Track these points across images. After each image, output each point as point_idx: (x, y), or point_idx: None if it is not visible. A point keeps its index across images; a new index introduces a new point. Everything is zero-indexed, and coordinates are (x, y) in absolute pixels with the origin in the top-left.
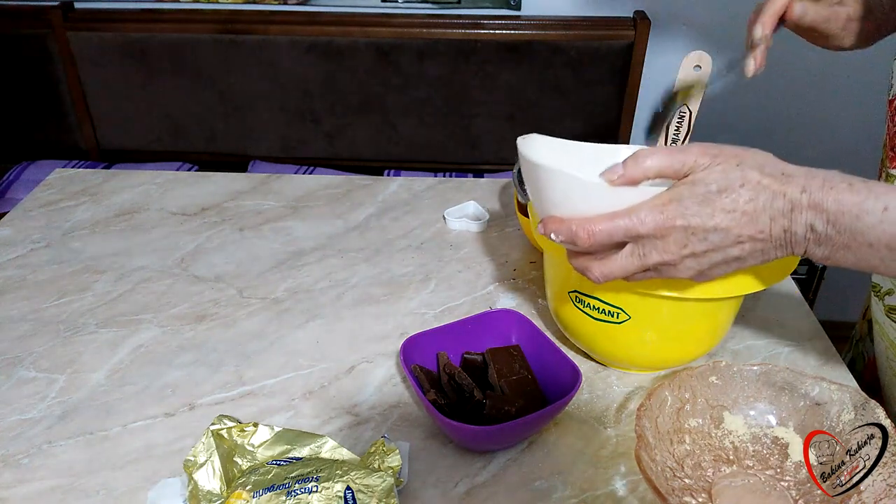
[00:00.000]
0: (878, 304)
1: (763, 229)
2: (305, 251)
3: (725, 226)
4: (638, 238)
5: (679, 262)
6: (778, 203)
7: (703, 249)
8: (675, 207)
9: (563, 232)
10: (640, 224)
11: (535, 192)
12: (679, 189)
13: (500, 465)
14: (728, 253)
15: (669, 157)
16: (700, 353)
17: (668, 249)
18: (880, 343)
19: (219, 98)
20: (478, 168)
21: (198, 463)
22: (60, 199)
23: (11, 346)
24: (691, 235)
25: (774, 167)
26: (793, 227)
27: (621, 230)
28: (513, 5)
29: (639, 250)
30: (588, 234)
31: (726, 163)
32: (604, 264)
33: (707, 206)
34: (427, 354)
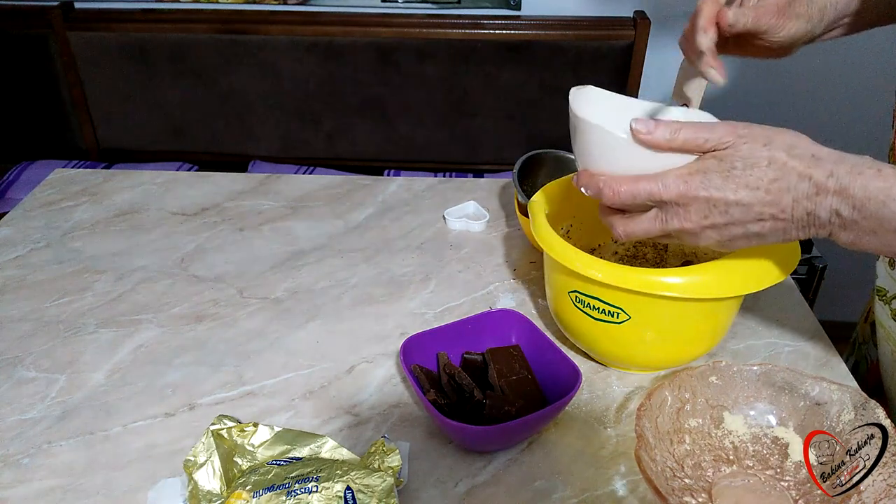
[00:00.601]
0: (883, 308)
1: (785, 209)
2: (305, 251)
3: (748, 202)
4: (661, 203)
5: (700, 231)
6: (803, 185)
7: (724, 222)
8: (699, 179)
9: (591, 186)
10: (664, 190)
11: (575, 142)
12: (706, 162)
13: (500, 465)
14: (748, 228)
15: (696, 132)
16: (700, 353)
17: (689, 218)
18: (885, 347)
19: (219, 98)
20: (478, 168)
21: (198, 463)
22: (60, 199)
23: (11, 346)
24: (713, 207)
25: (805, 149)
26: (816, 211)
27: (644, 193)
28: (513, 5)
29: (662, 215)
30: (613, 192)
31: (753, 142)
32: (627, 223)
33: (731, 182)
34: (427, 354)
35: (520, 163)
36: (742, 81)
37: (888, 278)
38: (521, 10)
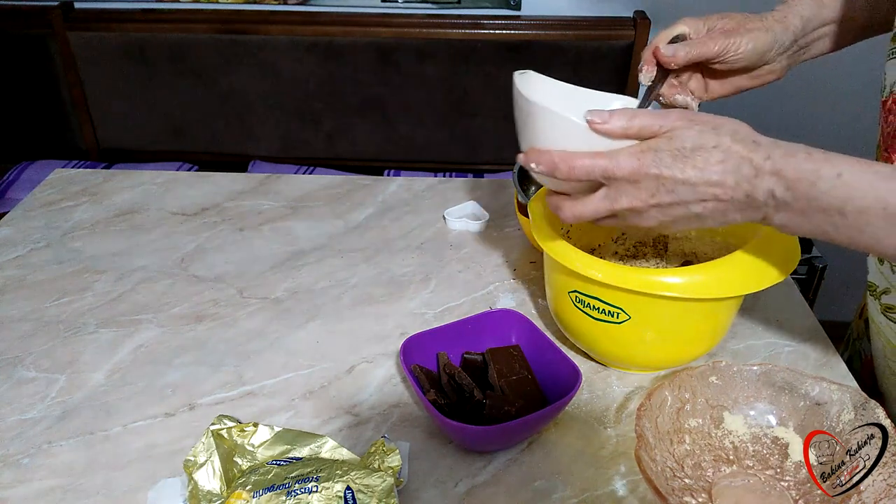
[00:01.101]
0: (874, 303)
1: (727, 190)
2: (305, 251)
3: (694, 181)
4: (612, 180)
5: (646, 210)
6: (744, 168)
7: (669, 201)
8: (651, 156)
9: (544, 162)
10: (617, 166)
11: (523, 126)
12: (657, 141)
13: (500, 465)
14: (690, 209)
15: (651, 119)
16: (700, 353)
17: (637, 196)
18: (877, 342)
19: (219, 98)
20: (478, 168)
21: (198, 463)
22: (60, 199)
23: (11, 346)
24: (661, 186)
25: (747, 135)
26: (754, 193)
27: (599, 168)
28: (513, 5)
29: (612, 194)
30: (568, 167)
31: (703, 125)
32: (575, 205)
33: (679, 161)
34: (427, 354)
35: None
36: None
37: (878, 274)
38: (521, 10)
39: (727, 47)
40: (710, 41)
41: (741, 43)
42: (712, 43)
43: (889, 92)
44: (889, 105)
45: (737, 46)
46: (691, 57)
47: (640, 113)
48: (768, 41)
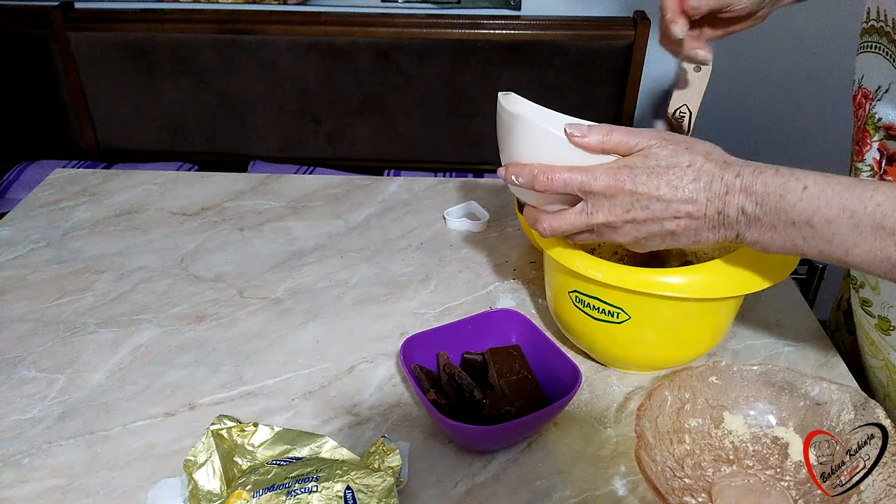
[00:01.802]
0: (855, 296)
1: (700, 209)
2: (305, 251)
3: (668, 198)
4: (589, 194)
5: (621, 225)
6: (716, 186)
7: (644, 218)
8: (627, 173)
9: (524, 174)
10: (594, 180)
11: (507, 140)
12: (633, 158)
13: (500, 465)
14: (664, 226)
15: (627, 135)
16: (700, 353)
17: (613, 211)
18: (859, 332)
19: (219, 98)
20: (478, 168)
21: (198, 463)
22: (60, 199)
23: (11, 346)
24: (636, 202)
25: (719, 155)
26: (726, 210)
27: (577, 182)
28: (513, 5)
29: (588, 208)
30: (548, 178)
31: (677, 145)
32: (553, 218)
33: (654, 179)
34: (427, 354)
35: None
36: (729, 82)
37: None
38: (521, 10)
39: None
40: None
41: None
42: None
43: (858, 86)
44: (859, 99)
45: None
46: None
47: (616, 129)
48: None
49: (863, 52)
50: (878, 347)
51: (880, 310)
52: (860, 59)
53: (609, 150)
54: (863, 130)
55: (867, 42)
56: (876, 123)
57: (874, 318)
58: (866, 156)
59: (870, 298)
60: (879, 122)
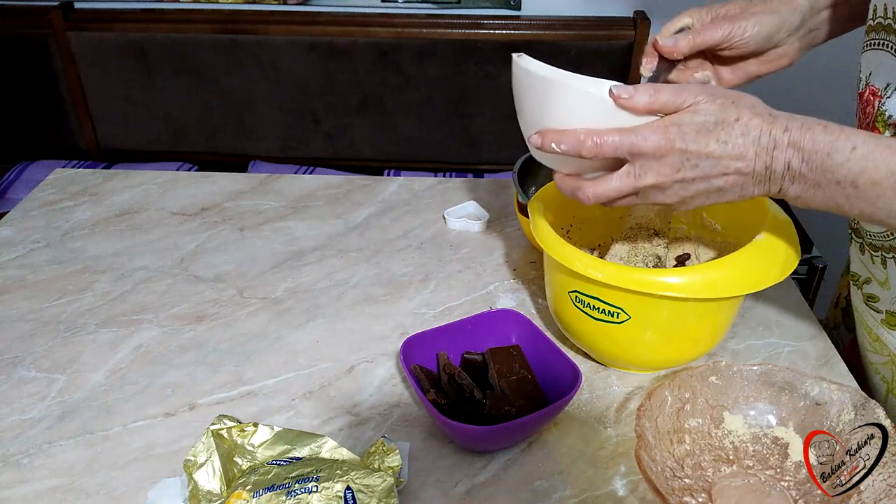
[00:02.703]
0: (857, 292)
1: (749, 164)
2: (305, 251)
3: (718, 155)
4: (638, 156)
5: (669, 185)
6: (764, 140)
7: (693, 176)
8: (676, 131)
9: (566, 141)
10: (644, 141)
11: (537, 105)
12: (681, 115)
13: (500, 465)
14: (712, 183)
15: (673, 94)
16: (700, 353)
17: (662, 171)
18: (860, 330)
19: (219, 98)
20: (478, 168)
21: (198, 463)
22: (60, 199)
23: (11, 346)
24: (686, 160)
25: (764, 108)
26: (773, 165)
27: (627, 144)
28: (513, 5)
29: (635, 170)
30: (596, 143)
31: (724, 99)
32: (597, 185)
33: (703, 136)
34: (427, 354)
35: (520, 163)
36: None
37: (860, 264)
38: (521, 10)
39: (732, 32)
40: (715, 28)
41: (747, 27)
42: (717, 29)
43: (865, 84)
44: (866, 97)
45: (742, 30)
46: (695, 45)
47: (662, 88)
48: (775, 22)
49: (869, 50)
50: (883, 343)
51: (889, 305)
52: (866, 56)
53: (656, 110)
54: (871, 128)
55: (873, 39)
56: (886, 121)
57: (881, 313)
58: None
59: (876, 294)
60: (889, 119)
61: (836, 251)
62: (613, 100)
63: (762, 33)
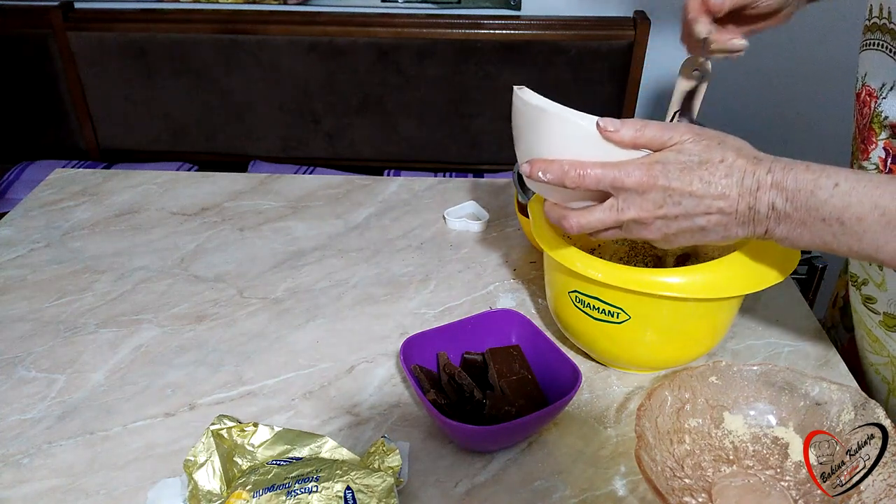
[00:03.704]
0: (855, 293)
1: (731, 204)
2: (305, 251)
3: (701, 194)
4: (621, 190)
5: (651, 222)
6: (748, 181)
7: (675, 214)
8: (660, 168)
9: (552, 170)
10: (627, 176)
11: (530, 134)
12: (666, 153)
13: (500, 465)
14: (695, 222)
15: (660, 130)
16: (700, 353)
17: (644, 207)
18: (858, 331)
19: (219, 98)
20: (478, 168)
21: (198, 463)
22: (60, 199)
23: (11, 346)
24: (668, 197)
25: (749, 151)
26: (757, 206)
27: (609, 178)
28: (513, 5)
29: (618, 204)
30: (578, 174)
31: (710, 140)
32: (581, 215)
33: (687, 174)
34: (427, 354)
35: None
36: (728, 81)
37: (858, 265)
38: (521, 10)
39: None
40: None
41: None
42: None
43: (861, 84)
44: (863, 97)
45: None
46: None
47: (649, 124)
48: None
49: (865, 50)
50: (883, 344)
51: (886, 306)
52: (863, 56)
53: (641, 146)
54: (868, 129)
55: (870, 39)
56: (882, 122)
57: (879, 314)
58: (871, 154)
59: (874, 295)
60: (885, 120)
61: None
62: (600, 132)
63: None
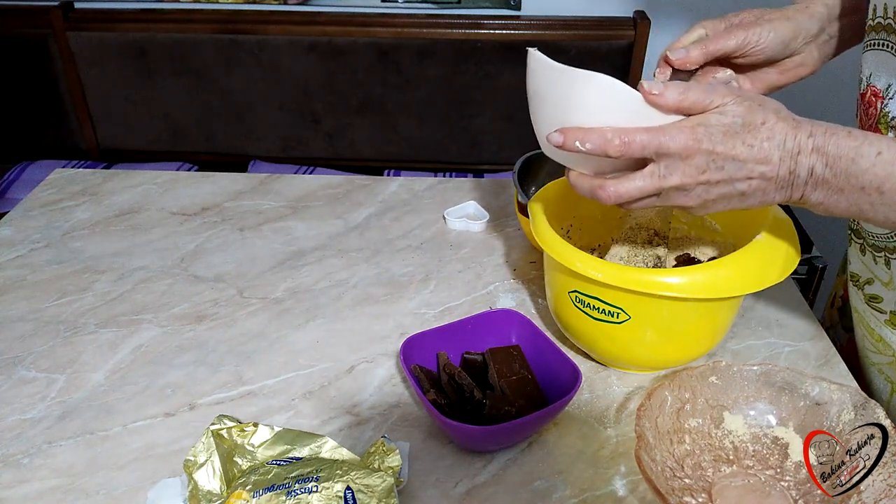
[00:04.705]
0: (857, 293)
1: (773, 168)
2: (305, 251)
3: (744, 157)
4: (664, 156)
5: (693, 187)
6: (789, 144)
7: (717, 179)
8: (703, 131)
9: (593, 139)
10: (672, 141)
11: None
12: (708, 116)
13: (500, 465)
14: (735, 187)
15: (703, 93)
16: (700, 353)
17: (687, 172)
18: (859, 330)
19: (219, 98)
20: (478, 168)
21: (198, 463)
22: (60, 199)
23: (11, 346)
24: (712, 162)
25: (786, 113)
26: (797, 170)
27: (655, 144)
28: (513, 5)
29: (660, 170)
30: (624, 142)
31: (752, 101)
32: (620, 183)
33: (730, 138)
34: (427, 354)
35: (520, 163)
36: None
37: (860, 264)
38: (521, 10)
39: (747, 38)
40: (729, 35)
41: (762, 33)
42: (731, 37)
43: (866, 85)
44: (868, 97)
45: (757, 37)
46: (709, 53)
47: (692, 86)
48: (791, 29)
49: (869, 50)
50: (887, 343)
51: (893, 305)
52: (866, 56)
53: (684, 109)
54: (874, 130)
55: (874, 39)
56: (889, 122)
57: (885, 313)
58: None
59: (880, 294)
60: (892, 120)
61: (836, 251)
62: (644, 95)
63: (777, 40)
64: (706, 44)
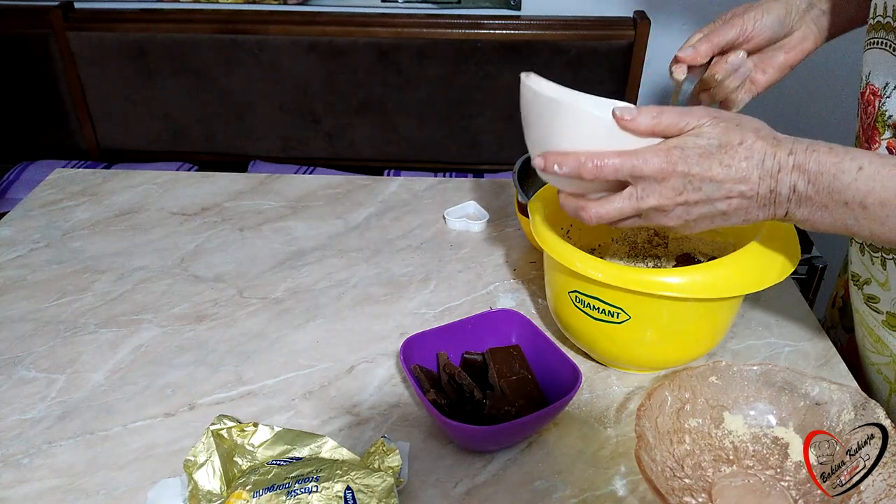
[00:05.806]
0: (857, 293)
1: (752, 187)
2: (305, 251)
3: (721, 178)
4: (640, 179)
5: (672, 208)
6: (768, 163)
7: (696, 199)
8: (678, 154)
9: (568, 163)
10: (645, 164)
11: (542, 126)
12: (684, 138)
13: (500, 465)
14: (716, 207)
15: (677, 116)
16: (700, 353)
17: (664, 194)
18: (859, 330)
19: (219, 98)
20: (478, 168)
21: (198, 463)
22: (60, 199)
23: (11, 346)
24: (688, 183)
25: (767, 132)
26: (778, 188)
27: (628, 167)
28: (513, 5)
29: (637, 192)
30: (596, 165)
31: (727, 122)
32: (600, 205)
33: (707, 159)
34: (427, 354)
35: (520, 163)
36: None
37: (860, 264)
38: (521, 10)
39: (744, 24)
40: (727, 27)
41: (756, 16)
42: (729, 28)
43: (866, 83)
44: (867, 96)
45: (753, 21)
46: (714, 45)
47: (665, 110)
48: (781, 6)
49: (870, 49)
50: (885, 344)
51: (889, 306)
52: (867, 55)
53: (659, 133)
54: (872, 128)
55: (874, 38)
56: (886, 121)
57: (881, 314)
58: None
59: (876, 295)
60: (889, 119)
61: (836, 251)
62: (616, 121)
63: (772, 18)
64: (710, 37)
